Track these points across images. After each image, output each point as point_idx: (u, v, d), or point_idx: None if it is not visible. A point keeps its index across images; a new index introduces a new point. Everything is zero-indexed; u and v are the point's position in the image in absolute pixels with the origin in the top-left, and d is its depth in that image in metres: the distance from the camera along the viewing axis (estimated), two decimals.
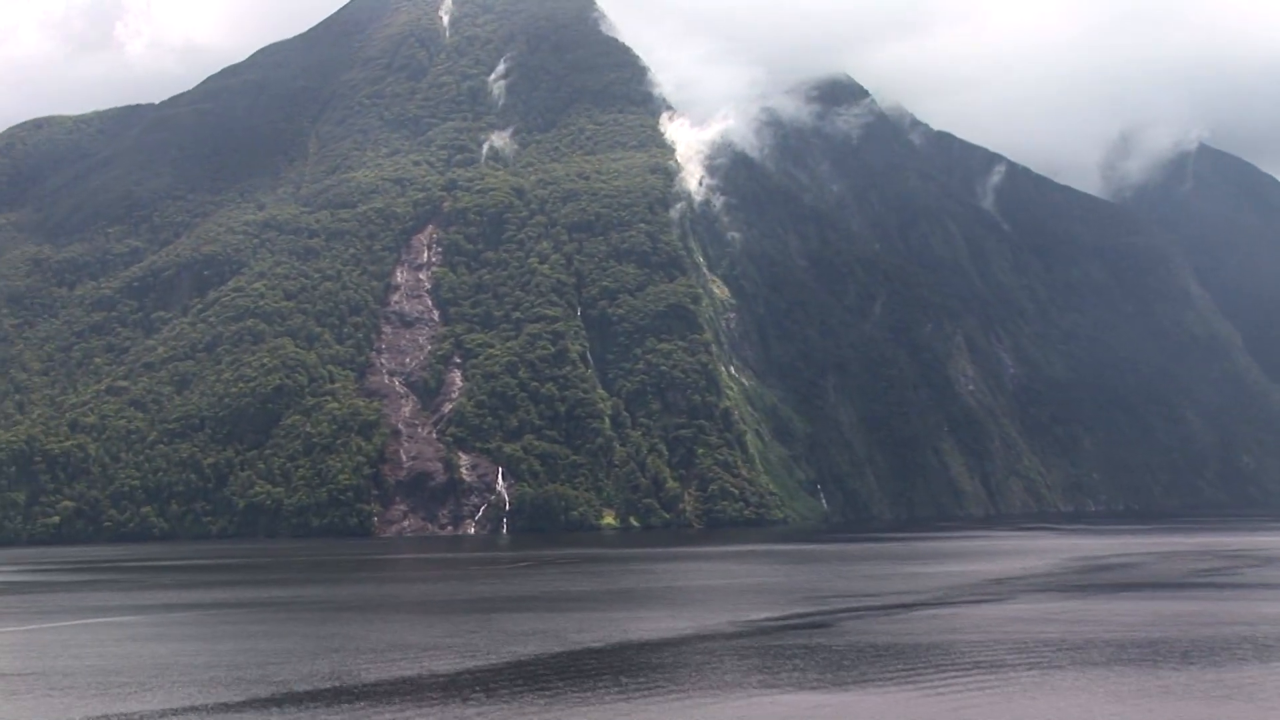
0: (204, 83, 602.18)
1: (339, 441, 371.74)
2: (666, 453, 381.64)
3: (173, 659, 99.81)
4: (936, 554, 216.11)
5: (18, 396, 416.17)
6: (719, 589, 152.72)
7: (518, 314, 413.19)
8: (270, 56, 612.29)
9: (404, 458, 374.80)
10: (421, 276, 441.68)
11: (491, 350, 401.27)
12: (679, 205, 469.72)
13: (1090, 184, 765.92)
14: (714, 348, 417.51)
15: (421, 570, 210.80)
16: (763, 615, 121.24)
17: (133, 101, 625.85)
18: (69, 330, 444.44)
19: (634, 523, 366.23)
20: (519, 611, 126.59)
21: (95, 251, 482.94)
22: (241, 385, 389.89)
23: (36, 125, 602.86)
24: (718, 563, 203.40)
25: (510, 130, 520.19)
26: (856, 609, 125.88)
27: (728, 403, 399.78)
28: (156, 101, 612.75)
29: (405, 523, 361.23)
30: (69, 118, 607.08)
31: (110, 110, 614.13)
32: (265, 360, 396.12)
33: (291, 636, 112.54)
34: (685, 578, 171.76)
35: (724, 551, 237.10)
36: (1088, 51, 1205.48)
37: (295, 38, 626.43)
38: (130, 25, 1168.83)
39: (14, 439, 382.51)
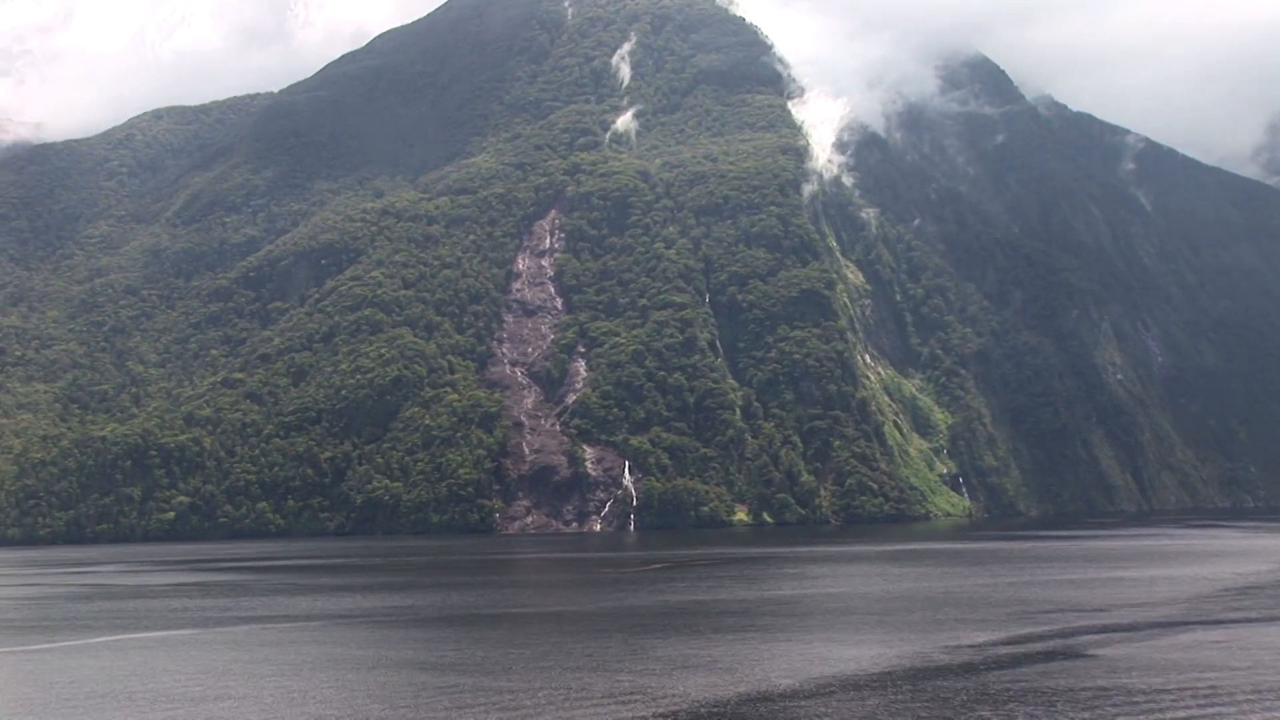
0: (322, 70, 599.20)
1: (459, 434, 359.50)
2: (801, 445, 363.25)
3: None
4: (1128, 555, 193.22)
5: (134, 389, 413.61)
6: (902, 600, 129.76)
7: (644, 301, 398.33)
8: (388, 42, 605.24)
9: (526, 451, 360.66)
10: (544, 263, 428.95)
11: (617, 339, 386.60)
12: (810, 187, 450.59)
13: (1242, 166, 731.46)
14: (849, 335, 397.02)
15: (550, 573, 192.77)
16: (982, 638, 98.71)
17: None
18: (185, 322, 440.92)
19: (767, 519, 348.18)
20: (674, 631, 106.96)
21: (212, 242, 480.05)
22: (359, 377, 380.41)
23: (156, 116, 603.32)
24: (877, 565, 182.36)
25: (634, 112, 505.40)
26: (1092, 627, 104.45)
27: (865, 392, 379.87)
28: (276, 90, 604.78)
29: (528, 519, 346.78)
30: (188, 108, 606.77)
31: (229, 100, 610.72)
32: (383, 351, 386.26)
33: (405, 680, 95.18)
34: (850, 583, 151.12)
35: (877, 552, 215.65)
36: (1239, 31, 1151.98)
37: (414, 23, 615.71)
38: (300, 15, 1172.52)
39: (129, 433, 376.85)
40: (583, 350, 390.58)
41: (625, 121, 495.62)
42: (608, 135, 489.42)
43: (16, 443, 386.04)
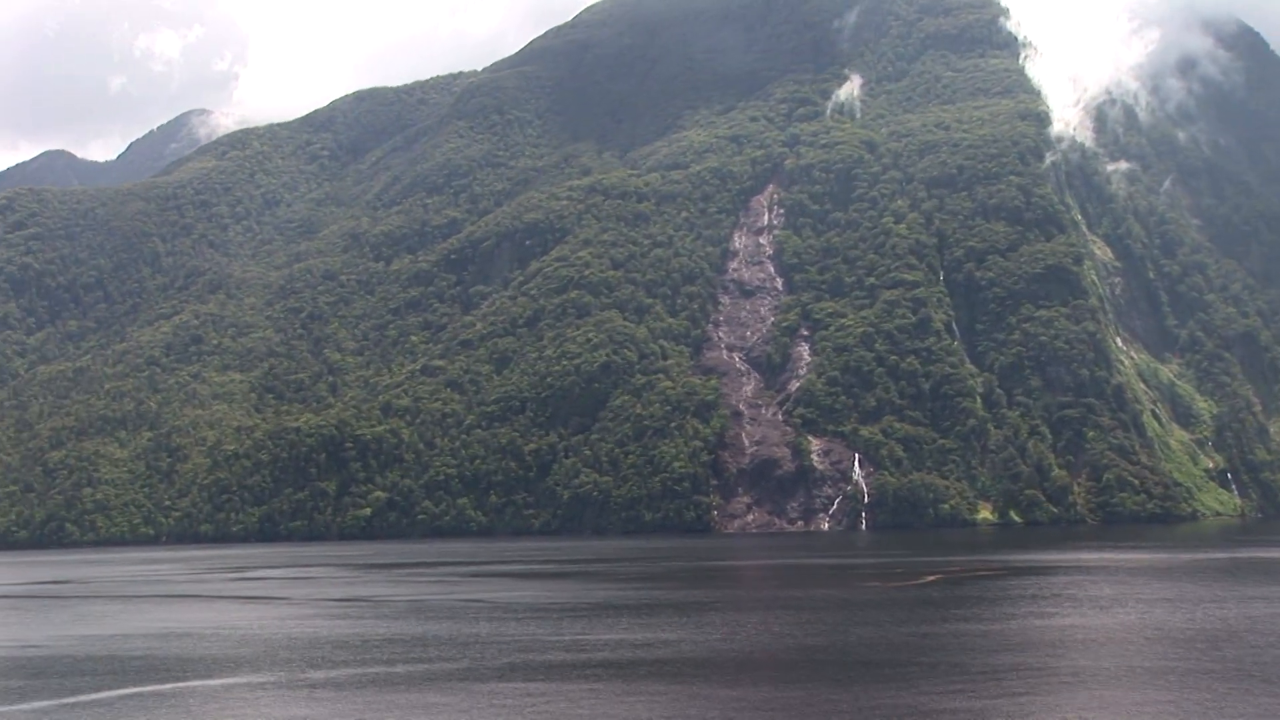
0: (527, 46, 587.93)
1: (673, 425, 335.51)
2: (1050, 436, 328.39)
3: None
4: None
5: (330, 378, 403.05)
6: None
7: (872, 280, 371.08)
8: (595, 15, 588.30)
9: (746, 443, 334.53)
10: (762, 241, 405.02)
11: (843, 320, 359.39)
12: (1052, 156, 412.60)
13: None
14: (1100, 315, 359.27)
15: (808, 586, 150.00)
16: None
17: None
18: (384, 307, 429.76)
19: (1015, 517, 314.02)
20: (1064, 685, 74.78)
21: (413, 224, 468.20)
22: (565, 363, 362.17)
23: (359, 98, 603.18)
24: (1178, 582, 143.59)
25: (858, 81, 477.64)
26: None
27: (1120, 378, 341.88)
28: (479, 69, 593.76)
29: (748, 517, 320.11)
30: (390, 89, 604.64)
31: (431, 79, 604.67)
32: (591, 335, 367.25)
33: None
34: (1205, 610, 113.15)
35: (1188, 562, 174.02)
36: None
37: None
38: None
39: (324, 423, 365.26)
40: (806, 333, 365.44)
41: (848, 90, 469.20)
42: (829, 105, 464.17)
43: (210, 434, 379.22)
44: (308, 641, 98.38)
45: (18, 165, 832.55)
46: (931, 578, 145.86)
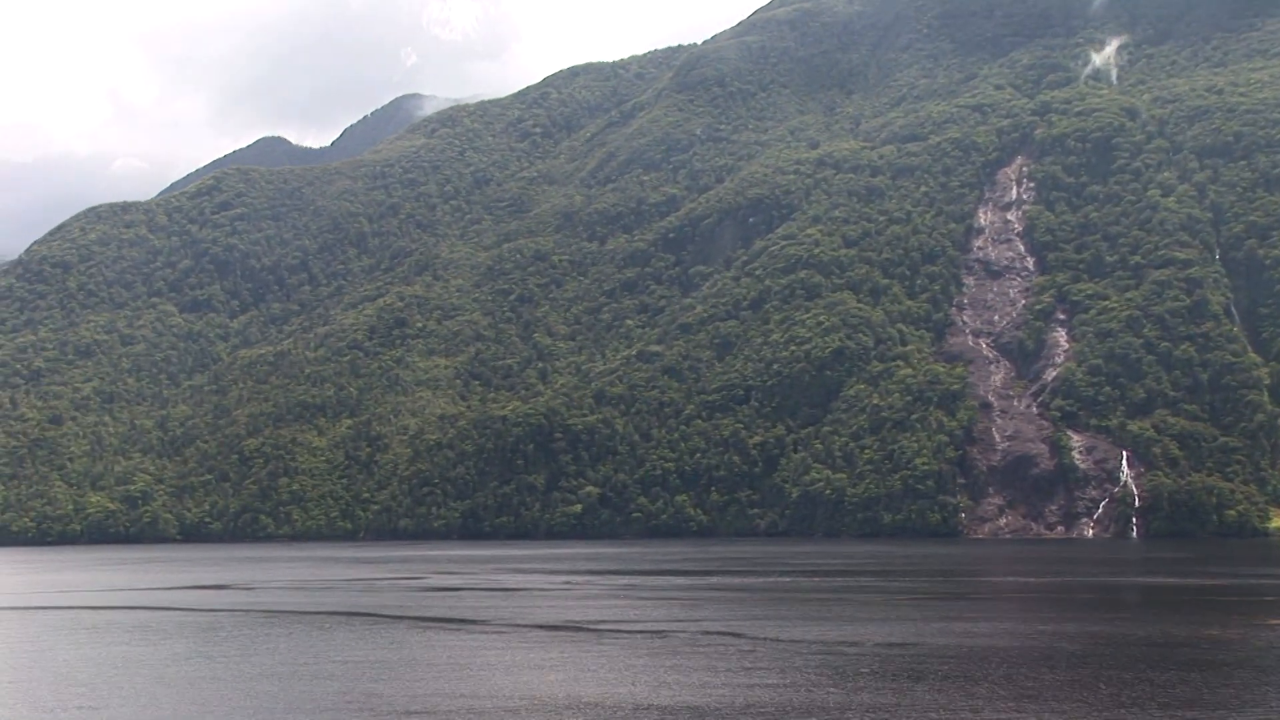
0: (750, 15, 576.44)
1: (914, 417, 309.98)
2: None
3: None
4: None
5: (540, 364, 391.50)
6: None
7: (1137, 258, 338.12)
8: None
9: (997, 438, 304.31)
10: (1010, 217, 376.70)
11: (1105, 303, 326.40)
12: None
13: None
14: None
15: (1159, 617, 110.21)
16: None
17: None
18: (598, 289, 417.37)
19: None
20: None
21: (628, 201, 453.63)
22: (794, 349, 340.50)
23: (573, 73, 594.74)
24: None
25: (1115, 44, 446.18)
26: None
27: None
28: (699, 41, 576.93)
29: (1001, 521, 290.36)
30: (605, 63, 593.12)
31: (648, 54, 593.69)
32: (822, 319, 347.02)
33: None
34: None
35: None
36: None
37: None
38: None
39: (533, 412, 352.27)
40: (1062, 317, 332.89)
41: (1104, 54, 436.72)
42: (1084, 70, 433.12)
43: (412, 422, 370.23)
44: None
45: (233, 152, 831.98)
46: None
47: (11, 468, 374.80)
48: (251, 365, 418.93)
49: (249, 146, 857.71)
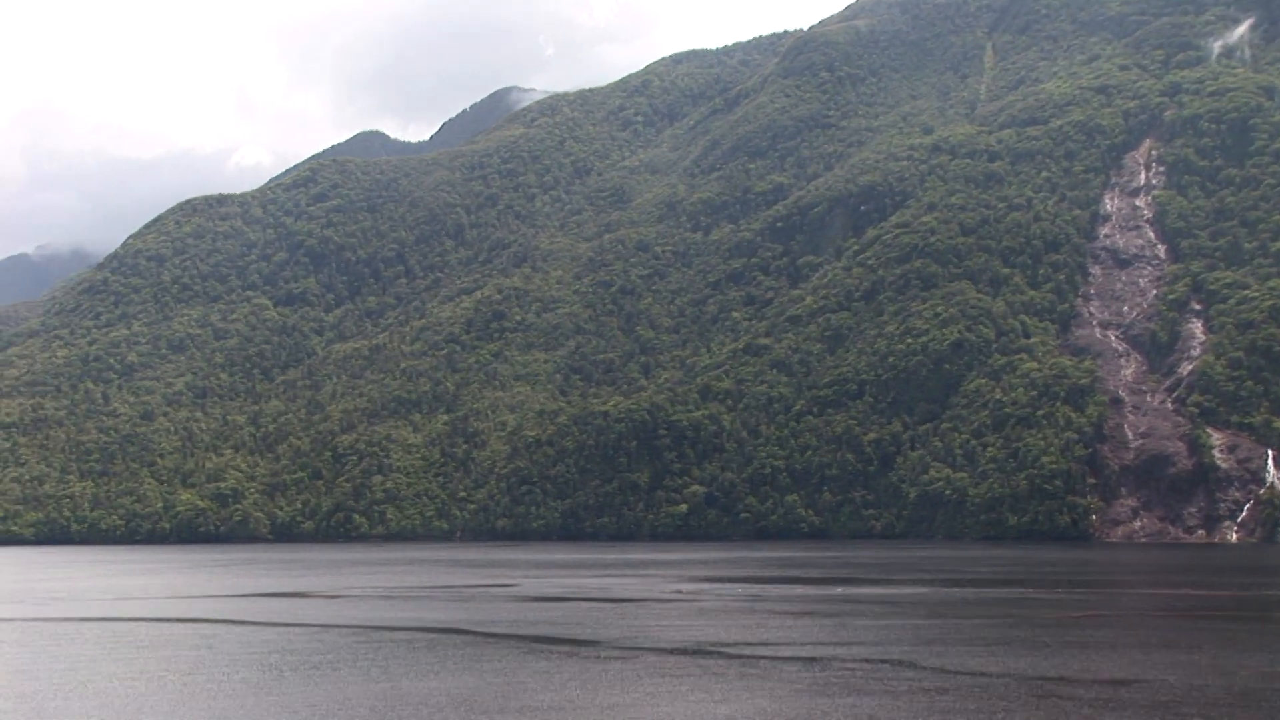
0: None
1: (1040, 413, 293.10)
2: None
3: None
4: None
5: (643, 358, 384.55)
6: None
7: (1279, 245, 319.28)
8: None
9: (1129, 435, 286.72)
10: (1139, 203, 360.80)
11: (1245, 293, 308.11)
12: None
13: None
14: None
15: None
16: None
17: None
18: (703, 281, 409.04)
19: None
20: None
21: (734, 190, 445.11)
22: (909, 341, 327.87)
23: (675, 60, 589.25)
24: None
25: (1249, 21, 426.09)
26: None
27: None
28: (806, 26, 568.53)
29: (1136, 523, 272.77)
30: (709, 50, 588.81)
31: (753, 40, 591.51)
32: (939, 310, 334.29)
33: None
34: None
35: None
36: None
37: None
38: None
39: (636, 407, 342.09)
40: (1198, 307, 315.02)
41: (1237, 33, 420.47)
42: (1216, 48, 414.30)
43: (510, 419, 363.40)
44: None
45: (331, 147, 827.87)
46: None
47: (102, 464, 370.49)
48: (346, 360, 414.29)
49: (346, 141, 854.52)
